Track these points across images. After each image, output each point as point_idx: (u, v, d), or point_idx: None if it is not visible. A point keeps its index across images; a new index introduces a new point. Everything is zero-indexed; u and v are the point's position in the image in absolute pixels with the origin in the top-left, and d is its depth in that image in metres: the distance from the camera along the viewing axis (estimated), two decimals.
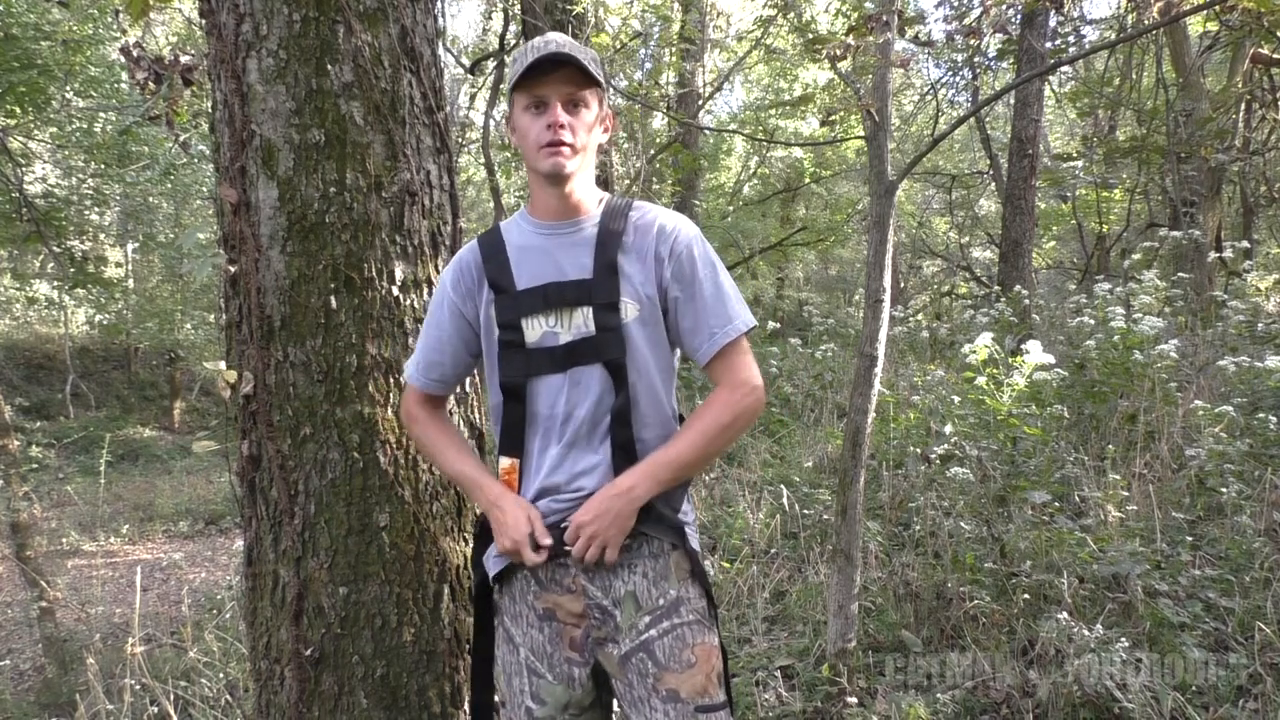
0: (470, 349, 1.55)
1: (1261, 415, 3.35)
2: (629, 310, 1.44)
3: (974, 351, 3.71)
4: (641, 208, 1.50)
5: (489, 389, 1.53)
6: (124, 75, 7.14)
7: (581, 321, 1.44)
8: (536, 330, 1.45)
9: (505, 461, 1.49)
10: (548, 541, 1.41)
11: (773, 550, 3.61)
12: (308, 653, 1.73)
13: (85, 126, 7.92)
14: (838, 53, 2.57)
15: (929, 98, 10.26)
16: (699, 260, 1.46)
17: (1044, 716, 2.25)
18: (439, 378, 1.57)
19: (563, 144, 1.39)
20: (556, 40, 1.39)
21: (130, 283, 14.57)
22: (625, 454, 1.45)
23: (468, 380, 1.91)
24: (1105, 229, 9.05)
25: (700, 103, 9.15)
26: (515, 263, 1.47)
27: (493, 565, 1.52)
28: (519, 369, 1.46)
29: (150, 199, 11.55)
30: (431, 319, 1.55)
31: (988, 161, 9.82)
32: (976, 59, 8.70)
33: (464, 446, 1.59)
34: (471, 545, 1.69)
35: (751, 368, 1.47)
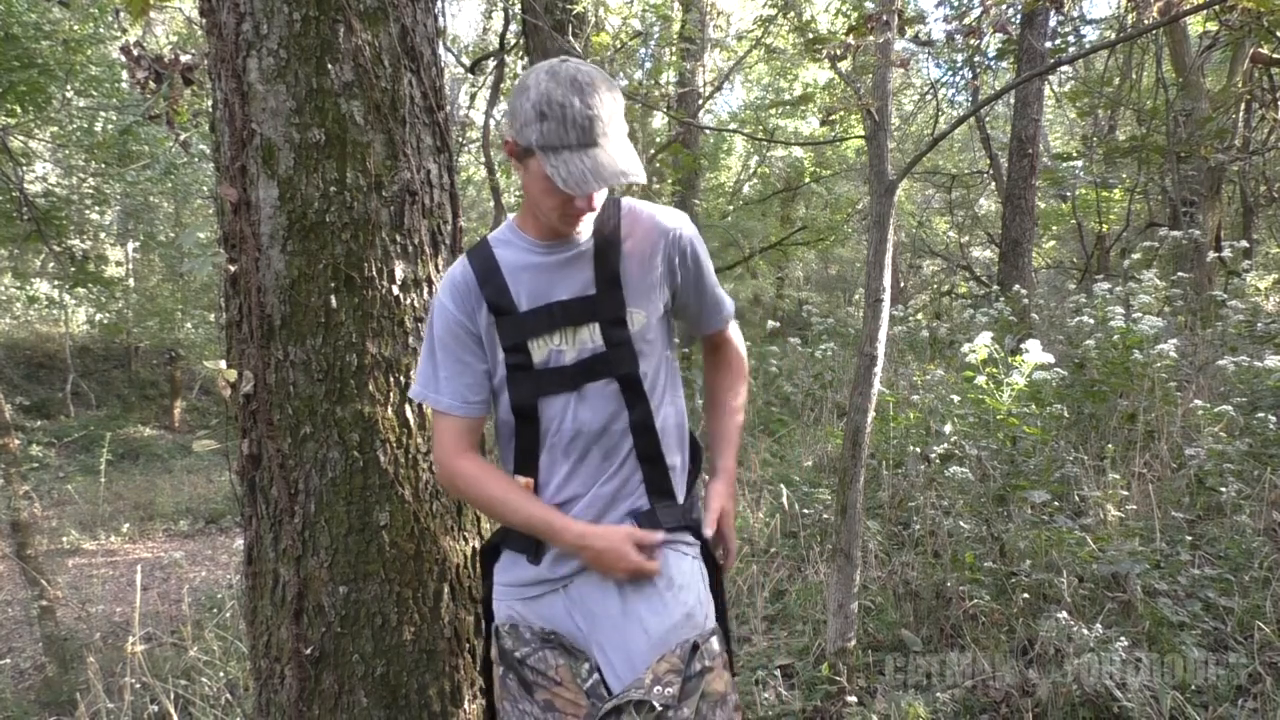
0: (487, 364, 1.49)
1: (1261, 415, 3.34)
2: (636, 320, 1.43)
3: (974, 351, 3.70)
4: (630, 206, 1.46)
5: (495, 408, 1.50)
6: (124, 74, 7.14)
7: (589, 338, 1.42)
8: (542, 350, 1.42)
9: (520, 480, 1.48)
10: (659, 537, 1.43)
11: (772, 549, 3.61)
12: (308, 651, 1.73)
13: (85, 126, 7.94)
14: (838, 52, 2.58)
15: (929, 97, 10.25)
16: (700, 253, 1.52)
17: (1043, 716, 2.25)
18: (481, 399, 1.47)
19: (583, 216, 1.36)
20: (607, 159, 1.24)
21: (130, 282, 14.60)
22: (652, 464, 1.45)
23: None
24: (1105, 229, 9.03)
25: (700, 102, 9.15)
26: (513, 284, 1.42)
27: (498, 613, 1.52)
28: (528, 390, 1.44)
29: (150, 198, 11.58)
30: (442, 344, 1.46)
31: (988, 161, 9.81)
32: (976, 59, 8.69)
33: (525, 490, 1.47)
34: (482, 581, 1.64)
35: (741, 337, 1.70)
